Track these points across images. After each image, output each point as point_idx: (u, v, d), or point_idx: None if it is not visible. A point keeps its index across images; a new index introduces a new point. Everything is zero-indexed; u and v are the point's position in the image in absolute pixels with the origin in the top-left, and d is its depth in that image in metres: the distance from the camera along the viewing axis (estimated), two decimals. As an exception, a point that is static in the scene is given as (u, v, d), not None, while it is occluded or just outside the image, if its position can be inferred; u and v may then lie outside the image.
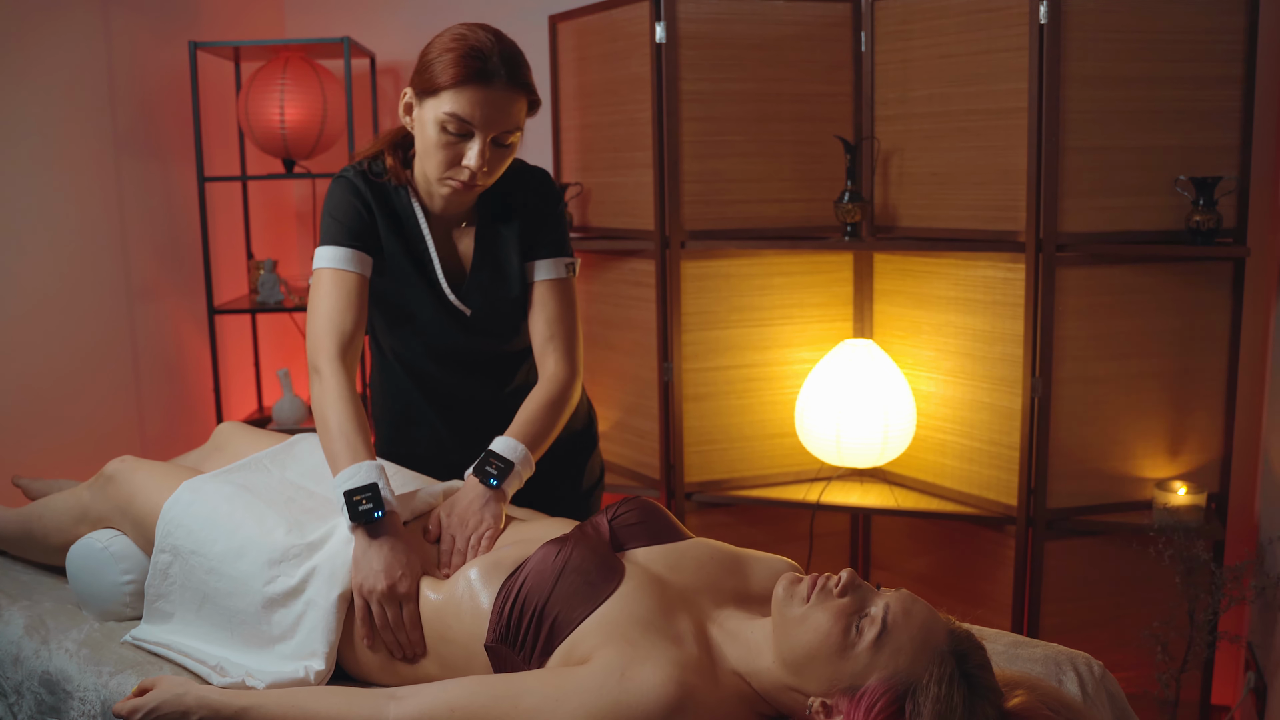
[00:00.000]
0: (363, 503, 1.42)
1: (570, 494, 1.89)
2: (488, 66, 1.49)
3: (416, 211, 1.66)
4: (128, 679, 1.45)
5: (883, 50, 2.61)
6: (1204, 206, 2.27)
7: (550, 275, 1.71)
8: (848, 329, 2.76)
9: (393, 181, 1.65)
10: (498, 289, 1.70)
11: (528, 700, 1.19)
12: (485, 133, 1.51)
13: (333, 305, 1.57)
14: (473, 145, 1.52)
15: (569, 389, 1.68)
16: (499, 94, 1.50)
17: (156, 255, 2.89)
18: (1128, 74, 2.31)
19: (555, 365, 1.69)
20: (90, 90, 2.62)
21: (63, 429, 2.53)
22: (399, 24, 3.31)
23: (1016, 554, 2.45)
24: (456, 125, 1.50)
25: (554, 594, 1.29)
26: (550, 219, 1.73)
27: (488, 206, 1.70)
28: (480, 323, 1.71)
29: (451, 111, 1.49)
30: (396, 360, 1.78)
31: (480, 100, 1.49)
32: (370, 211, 1.63)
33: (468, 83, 1.48)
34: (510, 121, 1.53)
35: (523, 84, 1.53)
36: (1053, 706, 1.19)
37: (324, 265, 1.60)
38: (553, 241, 1.72)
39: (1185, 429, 2.45)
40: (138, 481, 1.61)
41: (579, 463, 1.92)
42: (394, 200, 1.66)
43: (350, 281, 1.59)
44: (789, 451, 2.75)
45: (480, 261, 1.69)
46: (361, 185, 1.64)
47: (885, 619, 1.18)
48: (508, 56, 1.51)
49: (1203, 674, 2.45)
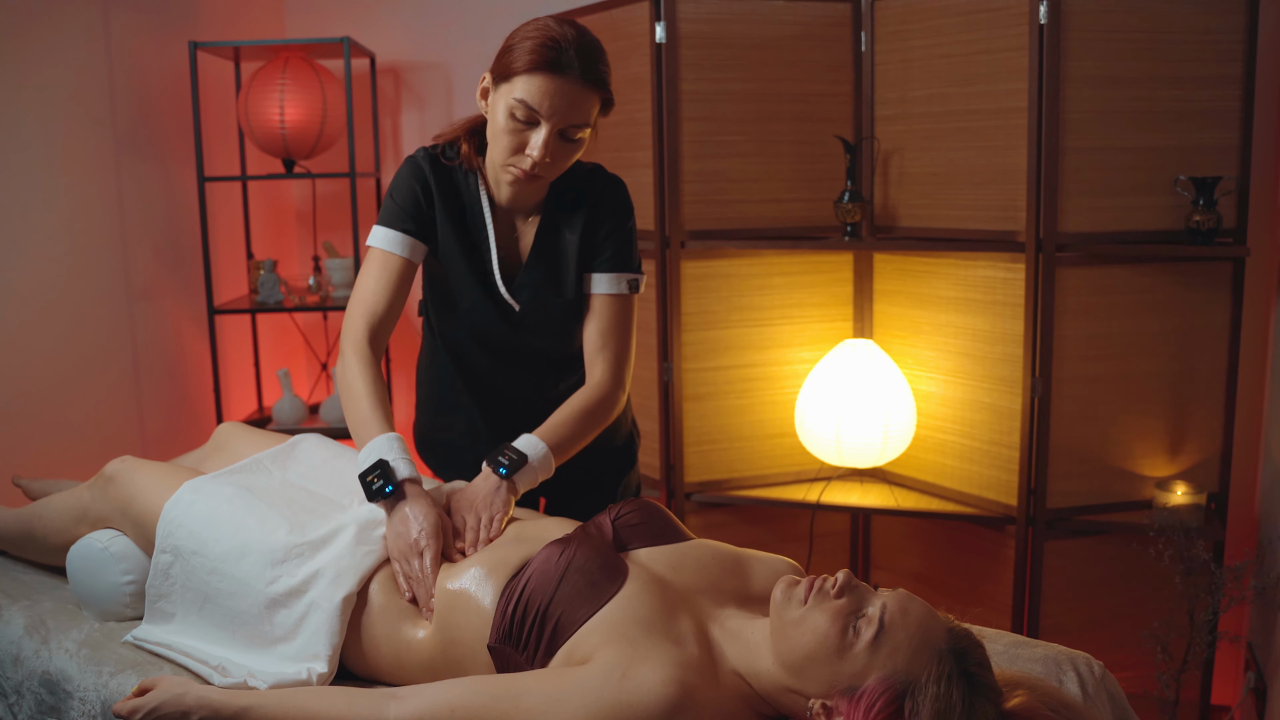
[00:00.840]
0: (374, 481, 1.47)
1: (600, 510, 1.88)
2: (563, 58, 1.48)
3: (483, 199, 1.65)
4: (128, 679, 1.45)
5: (883, 50, 2.61)
6: (1204, 206, 2.27)
7: (610, 290, 1.71)
8: (848, 329, 2.76)
9: (464, 167, 1.66)
10: (549, 289, 1.69)
11: (528, 700, 1.19)
12: (552, 123, 1.51)
13: (369, 287, 1.61)
14: (538, 134, 1.51)
15: (610, 401, 1.67)
16: (570, 86, 1.50)
17: (156, 255, 2.89)
18: (1127, 74, 2.31)
19: (601, 375, 1.68)
20: (90, 90, 2.62)
21: (63, 429, 2.53)
22: (399, 24, 3.31)
23: (1016, 554, 2.45)
24: (524, 112, 1.50)
25: (557, 594, 1.29)
26: (619, 232, 1.72)
27: (556, 205, 1.69)
28: (527, 319, 1.70)
29: (521, 98, 1.50)
30: (444, 344, 1.78)
31: (550, 89, 1.49)
32: (429, 194, 1.64)
33: (540, 70, 1.48)
34: (579, 116, 1.52)
35: (597, 80, 1.52)
36: (1053, 706, 1.19)
37: (374, 244, 1.63)
38: (618, 255, 1.71)
39: (1185, 429, 2.45)
40: (138, 482, 1.61)
41: (616, 481, 1.93)
42: (461, 186, 1.66)
43: (394, 265, 1.62)
44: (789, 451, 2.75)
45: (536, 258, 1.68)
46: (427, 168, 1.65)
47: (882, 619, 1.18)
48: (585, 50, 1.51)
49: (1203, 674, 2.45)
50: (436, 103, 3.33)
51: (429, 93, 3.34)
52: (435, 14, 3.28)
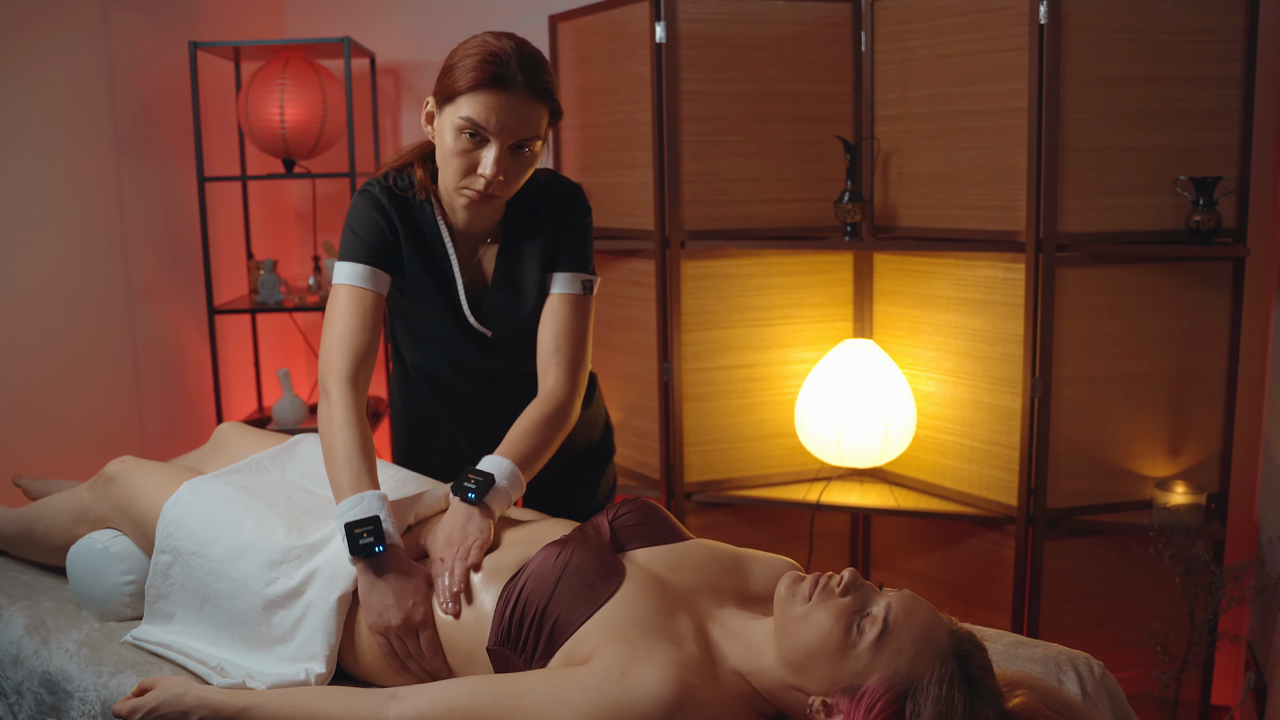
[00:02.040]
0: (364, 536, 1.38)
1: (584, 505, 1.88)
2: (505, 71, 1.46)
3: (441, 228, 1.62)
4: (128, 679, 1.45)
5: (883, 50, 2.61)
6: (1204, 206, 2.27)
7: (565, 290, 1.66)
8: (848, 329, 2.76)
9: (419, 196, 1.62)
10: (517, 309, 1.67)
11: (527, 700, 1.19)
12: (501, 139, 1.48)
13: (346, 325, 1.54)
14: (488, 152, 1.48)
15: (567, 407, 1.62)
16: (516, 100, 1.47)
17: (156, 255, 2.89)
18: (1127, 74, 2.31)
19: (555, 381, 1.63)
20: (90, 90, 2.62)
21: (63, 429, 2.53)
22: (399, 24, 3.31)
23: (1016, 554, 2.45)
24: (473, 130, 1.47)
25: (555, 596, 1.29)
26: (574, 232, 1.68)
27: (513, 223, 1.66)
28: (501, 343, 1.69)
29: (468, 116, 1.46)
30: (417, 373, 1.76)
31: (496, 105, 1.46)
32: (393, 227, 1.59)
33: (484, 87, 1.45)
34: (528, 129, 1.49)
35: (542, 91, 1.49)
36: (1053, 707, 1.19)
37: (341, 281, 1.57)
38: (573, 256, 1.67)
39: (1185, 429, 2.45)
40: (138, 482, 1.61)
41: (594, 474, 1.92)
42: (418, 215, 1.62)
43: (367, 300, 1.56)
44: (789, 451, 2.75)
45: (500, 281, 1.65)
46: (385, 200, 1.60)
47: (887, 619, 1.18)
48: (527, 63, 1.48)
49: (1203, 674, 2.45)
50: (436, 103, 3.33)
51: (429, 93, 3.34)
52: (435, 14, 3.28)
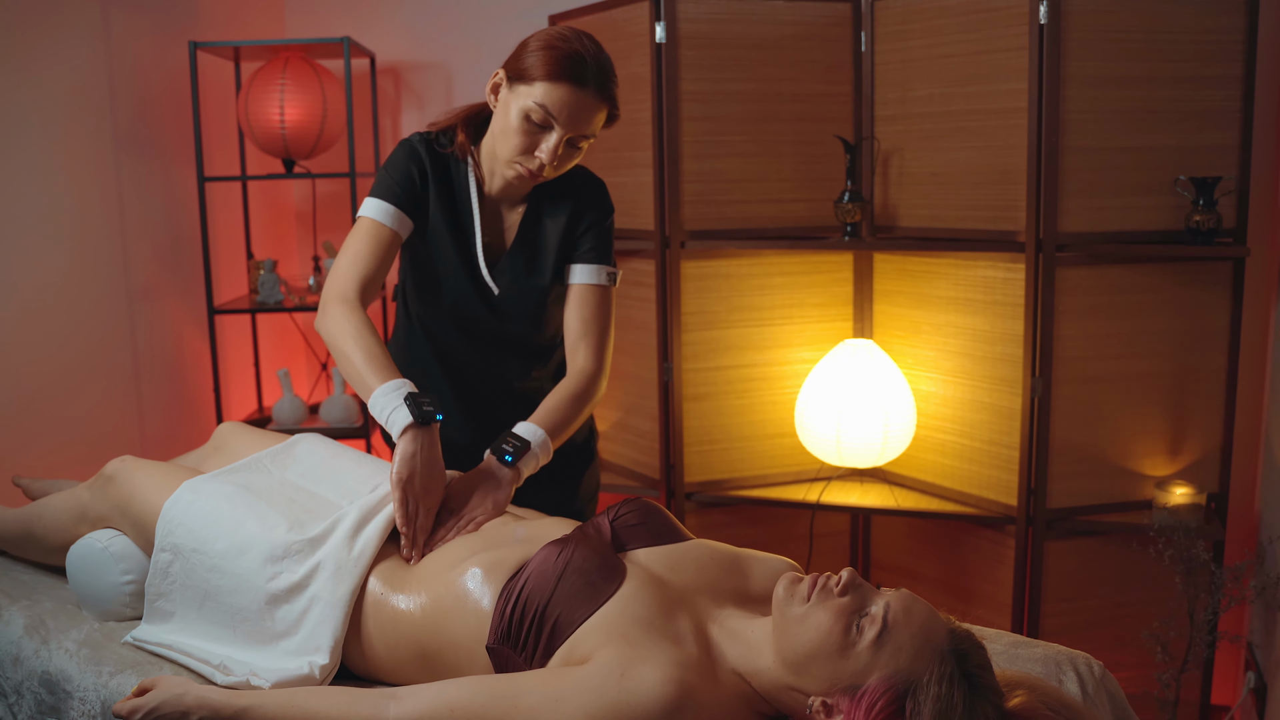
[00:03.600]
0: (426, 404, 1.48)
1: (567, 505, 1.90)
2: (585, 71, 1.57)
3: (471, 186, 1.72)
4: (128, 679, 1.45)
5: (883, 50, 2.61)
6: (1204, 206, 2.28)
7: (590, 280, 1.76)
8: (848, 329, 2.76)
9: (458, 155, 1.72)
10: (529, 275, 1.75)
11: (527, 700, 1.19)
12: (565, 130, 1.58)
13: (360, 251, 1.63)
14: (550, 138, 1.58)
15: (595, 384, 1.73)
16: (588, 99, 1.58)
17: (156, 255, 2.89)
18: (1127, 74, 2.31)
19: (585, 361, 1.73)
20: (90, 90, 2.62)
21: (63, 429, 2.53)
22: (399, 24, 3.31)
23: (1016, 554, 2.45)
24: (541, 116, 1.57)
25: (555, 595, 1.29)
26: (601, 228, 1.78)
27: (540, 195, 1.75)
28: (505, 303, 1.75)
29: (541, 102, 1.56)
30: (420, 327, 1.82)
31: (570, 100, 1.56)
32: (424, 177, 1.70)
33: (563, 80, 1.55)
34: (589, 127, 1.60)
35: (610, 97, 1.61)
36: (1053, 706, 1.19)
37: (364, 214, 1.67)
38: (599, 249, 1.77)
39: (1185, 429, 2.45)
40: (138, 481, 1.61)
41: (577, 474, 1.94)
42: (453, 171, 1.72)
43: (384, 234, 1.65)
44: (789, 451, 2.75)
45: (520, 244, 1.74)
46: (423, 151, 1.70)
47: (886, 618, 1.18)
48: (603, 67, 1.59)
49: (1203, 674, 2.45)
50: (436, 103, 3.33)
51: (429, 93, 3.34)
52: (435, 14, 3.28)
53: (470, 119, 1.73)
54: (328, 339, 1.60)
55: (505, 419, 1.69)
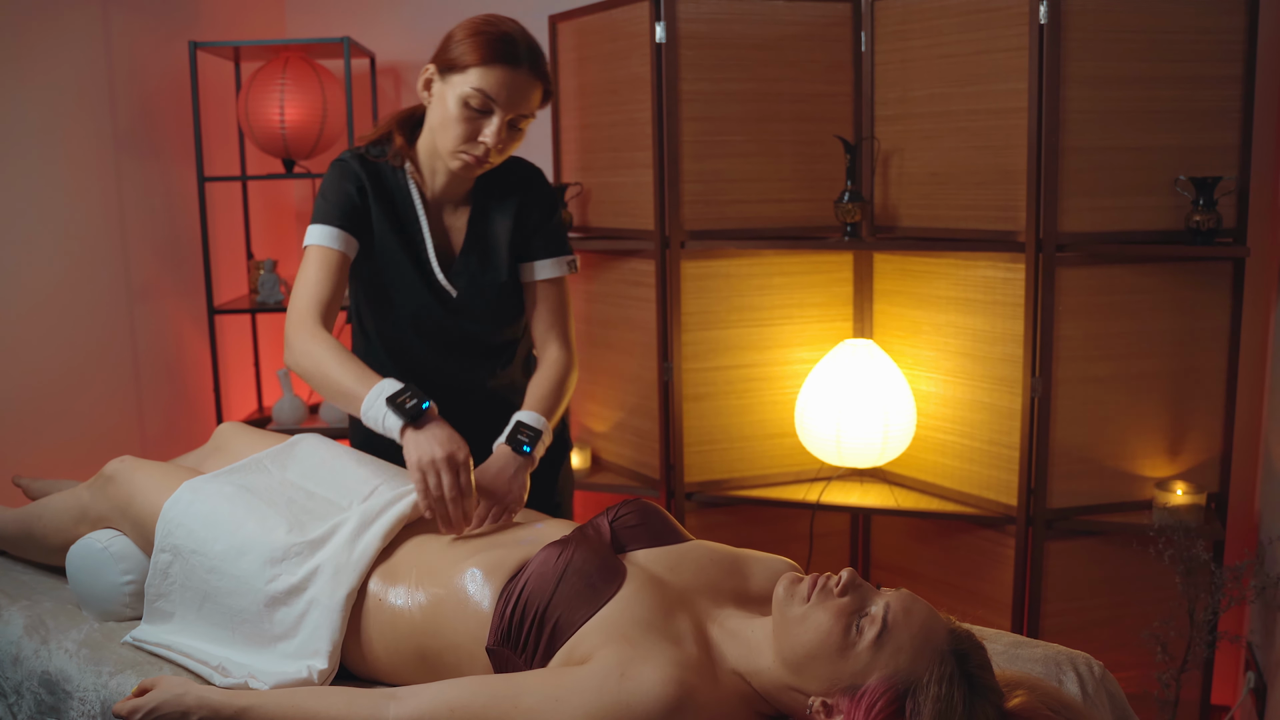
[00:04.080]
0: (407, 401, 1.49)
1: (546, 499, 1.93)
2: (518, 50, 1.59)
3: (413, 192, 1.72)
4: (128, 679, 1.45)
5: (883, 50, 2.61)
6: (1204, 206, 2.27)
7: (552, 274, 1.80)
8: (848, 329, 2.76)
9: (393, 163, 1.72)
10: (485, 273, 1.76)
11: (527, 700, 1.19)
12: (505, 112, 1.60)
13: (314, 278, 1.64)
14: (492, 122, 1.60)
15: (572, 370, 1.78)
16: (523, 78, 1.60)
17: (156, 255, 2.89)
18: (1128, 74, 2.31)
19: (557, 351, 1.78)
20: (90, 90, 2.62)
21: (63, 429, 2.53)
22: (399, 24, 3.31)
23: (1016, 554, 2.45)
24: (480, 101, 1.59)
25: (555, 596, 1.29)
26: (551, 219, 1.80)
27: (483, 193, 1.76)
28: (465, 304, 1.76)
29: (479, 87, 1.58)
30: (381, 343, 1.82)
31: (507, 80, 1.58)
32: (363, 193, 1.70)
33: (497, 62, 1.58)
34: (527, 105, 1.62)
35: (543, 73, 1.64)
36: (1053, 707, 1.19)
37: (311, 242, 1.67)
38: (554, 241, 1.80)
39: (1185, 429, 2.45)
40: (137, 482, 1.61)
41: (555, 464, 1.96)
42: (390, 180, 1.72)
43: (333, 258, 1.65)
44: (789, 451, 2.75)
45: (471, 244, 1.75)
46: (357, 168, 1.71)
47: (886, 618, 1.18)
48: (532, 46, 1.63)
49: (1203, 674, 2.45)
50: (436, 103, 3.33)
51: (429, 93, 3.34)
52: (435, 14, 3.28)
53: (404, 122, 1.74)
54: (301, 372, 1.59)
55: (484, 420, 1.71)
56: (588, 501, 3.18)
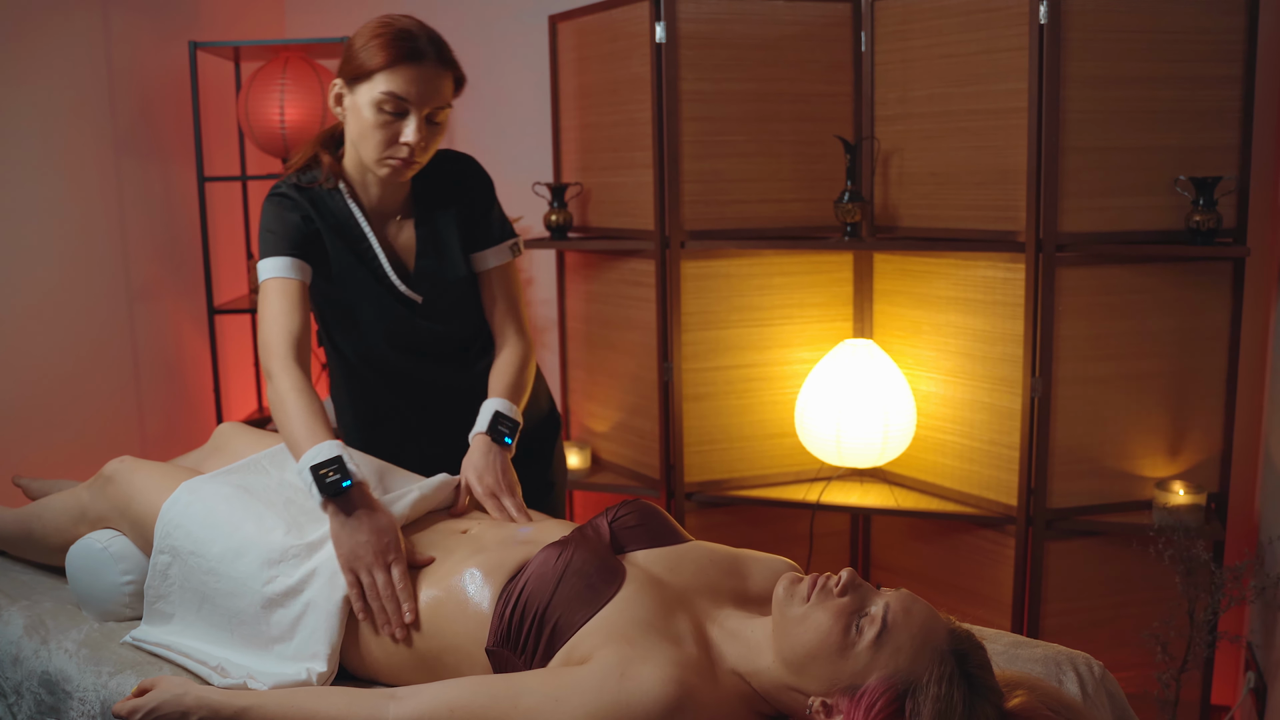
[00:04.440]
0: (329, 475, 1.44)
1: (539, 480, 1.93)
2: (418, 46, 1.57)
3: (354, 210, 1.70)
4: (127, 679, 1.45)
5: (883, 50, 2.61)
6: (1204, 206, 2.27)
7: (499, 261, 1.81)
8: (848, 329, 2.76)
9: (326, 185, 1.69)
10: (444, 273, 1.75)
11: (527, 700, 1.19)
12: (420, 109, 1.58)
13: (278, 311, 1.61)
14: (409, 122, 1.58)
15: (530, 352, 1.81)
16: (430, 71, 1.58)
17: (156, 255, 2.89)
18: (1128, 74, 2.31)
19: (515, 336, 1.80)
20: (90, 90, 2.62)
21: (63, 429, 2.53)
22: (399, 24, 3.31)
23: (1016, 554, 2.45)
24: (393, 104, 1.57)
25: (555, 597, 1.29)
26: (491, 206, 1.81)
27: (422, 197, 1.75)
28: (432, 308, 1.76)
29: (388, 90, 1.56)
30: (358, 359, 1.81)
31: (414, 78, 1.56)
32: (307, 218, 1.67)
33: (400, 62, 1.55)
34: (441, 98, 1.60)
35: (450, 62, 1.61)
36: (1053, 707, 1.19)
37: (267, 276, 1.64)
38: (498, 229, 1.81)
39: (1185, 429, 2.45)
40: (137, 482, 1.61)
41: (548, 445, 1.98)
42: (329, 203, 1.70)
43: (293, 287, 1.63)
44: (789, 451, 2.75)
45: (424, 249, 1.74)
46: (296, 196, 1.68)
47: (885, 618, 1.18)
48: (433, 37, 1.60)
49: (1203, 674, 2.45)
50: (436, 103, 3.33)
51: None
52: (435, 14, 3.27)
53: (327, 141, 1.72)
54: (273, 408, 1.59)
55: (464, 412, 1.72)
56: (588, 501, 3.18)
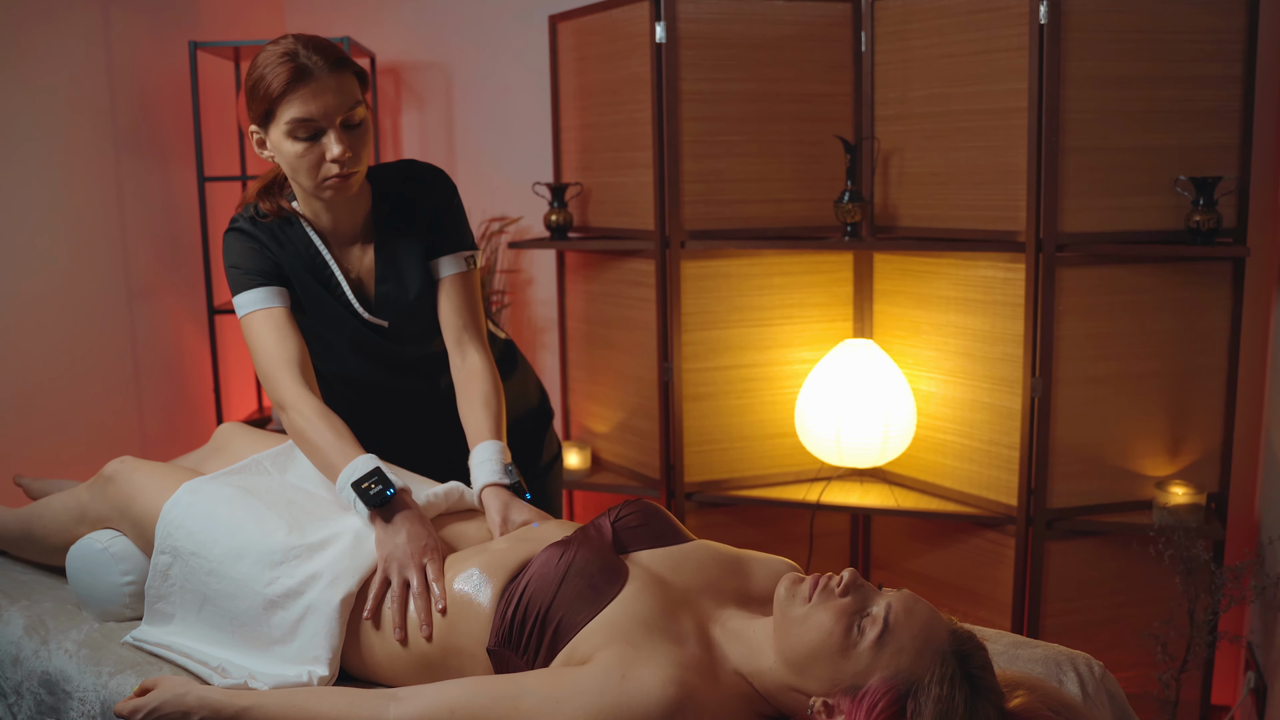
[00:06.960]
0: (371, 487, 1.47)
1: (532, 470, 1.93)
2: (305, 62, 1.52)
3: (314, 240, 1.68)
4: (128, 679, 1.45)
5: (883, 50, 2.61)
6: (1204, 206, 2.27)
7: (453, 270, 1.73)
8: (848, 329, 2.76)
9: (281, 221, 1.67)
10: (405, 295, 1.71)
11: (528, 701, 1.19)
12: (332, 121, 1.54)
13: (274, 340, 1.60)
14: (328, 137, 1.54)
15: (495, 374, 1.72)
16: (326, 82, 1.53)
17: (156, 255, 2.89)
18: (1128, 74, 2.31)
19: (477, 357, 1.72)
20: (90, 90, 2.62)
21: (63, 429, 2.53)
22: (399, 24, 3.31)
23: (1016, 554, 2.45)
24: (305, 128, 1.53)
25: (557, 597, 1.28)
26: (449, 214, 1.74)
27: (382, 215, 1.71)
28: (399, 332, 1.74)
29: (294, 118, 1.52)
30: (338, 384, 1.81)
31: (311, 94, 1.52)
32: (271, 250, 1.65)
33: (293, 85, 1.51)
34: (348, 100, 1.55)
35: (342, 62, 1.56)
36: (1053, 707, 1.19)
37: (248, 310, 1.62)
38: (454, 237, 1.74)
39: (1185, 429, 2.45)
40: (137, 482, 1.61)
41: (538, 439, 1.97)
42: (288, 234, 1.67)
43: (278, 314, 1.62)
44: (789, 451, 2.75)
45: (384, 274, 1.70)
46: (253, 229, 1.66)
47: (887, 618, 1.17)
48: (318, 45, 1.55)
49: (1203, 674, 2.45)
50: (436, 103, 3.33)
51: (429, 93, 3.34)
52: (435, 14, 3.28)
53: (269, 186, 1.70)
54: (294, 438, 1.59)
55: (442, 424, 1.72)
56: (588, 502, 3.18)
